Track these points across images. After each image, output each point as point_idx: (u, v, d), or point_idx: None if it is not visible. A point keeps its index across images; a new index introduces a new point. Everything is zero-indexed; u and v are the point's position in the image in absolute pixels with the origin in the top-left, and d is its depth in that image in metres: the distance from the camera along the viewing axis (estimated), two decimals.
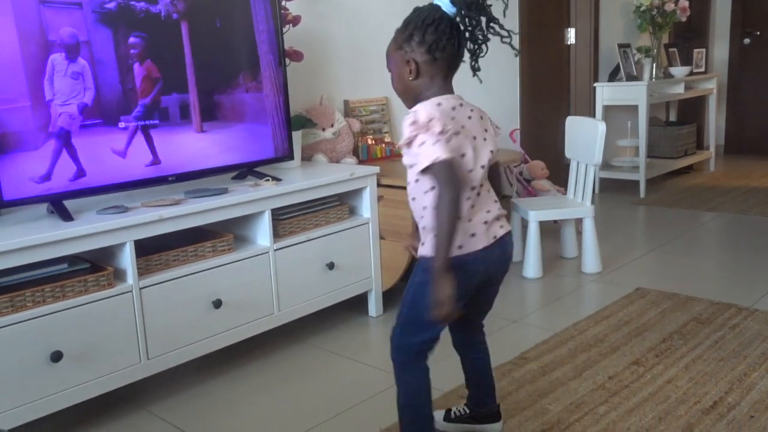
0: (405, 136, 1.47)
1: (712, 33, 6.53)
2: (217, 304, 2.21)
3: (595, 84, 4.99)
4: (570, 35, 4.99)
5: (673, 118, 6.07)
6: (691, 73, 5.45)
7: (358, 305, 2.80)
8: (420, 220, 1.57)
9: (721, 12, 6.49)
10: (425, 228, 1.54)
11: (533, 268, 3.18)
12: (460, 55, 1.54)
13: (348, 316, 2.78)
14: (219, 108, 2.39)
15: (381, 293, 2.78)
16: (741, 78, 6.47)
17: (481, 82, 1.58)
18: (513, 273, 3.17)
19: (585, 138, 3.19)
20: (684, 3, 5.17)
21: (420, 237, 1.59)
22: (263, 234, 2.36)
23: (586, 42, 5.07)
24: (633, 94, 4.84)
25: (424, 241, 1.56)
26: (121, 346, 1.99)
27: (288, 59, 2.72)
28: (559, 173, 4.29)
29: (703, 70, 5.78)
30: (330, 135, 3.05)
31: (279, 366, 2.38)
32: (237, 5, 2.42)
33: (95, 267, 1.99)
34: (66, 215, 1.96)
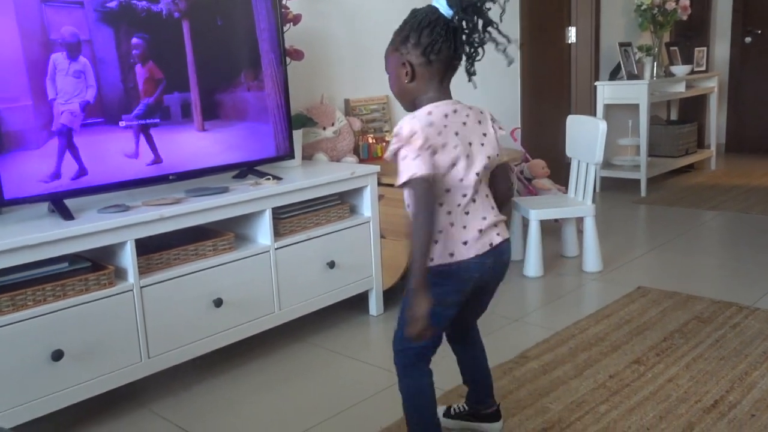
0: (390, 148, 1.46)
1: (713, 31, 6.52)
2: (218, 302, 2.21)
3: (596, 83, 4.99)
4: (571, 34, 4.98)
5: (674, 116, 6.07)
6: (692, 72, 5.44)
7: (358, 304, 2.80)
8: None
9: (723, 10, 6.49)
10: None
11: (534, 266, 3.18)
12: (456, 58, 1.52)
13: (348, 314, 2.78)
14: (220, 107, 2.39)
15: (381, 292, 2.78)
16: (742, 77, 6.47)
17: (476, 87, 1.56)
18: (514, 272, 3.18)
19: (586, 137, 3.19)
20: (685, 1, 5.17)
21: None
22: (264, 233, 2.36)
23: (587, 41, 5.07)
24: (634, 92, 4.83)
25: None
26: (122, 344, 1.99)
27: (289, 58, 2.72)
28: (560, 172, 4.30)
29: (704, 68, 5.77)
30: (331, 134, 3.05)
31: (280, 365, 2.38)
32: (238, 4, 2.42)
33: (96, 266, 1.99)
34: (67, 214, 1.96)
